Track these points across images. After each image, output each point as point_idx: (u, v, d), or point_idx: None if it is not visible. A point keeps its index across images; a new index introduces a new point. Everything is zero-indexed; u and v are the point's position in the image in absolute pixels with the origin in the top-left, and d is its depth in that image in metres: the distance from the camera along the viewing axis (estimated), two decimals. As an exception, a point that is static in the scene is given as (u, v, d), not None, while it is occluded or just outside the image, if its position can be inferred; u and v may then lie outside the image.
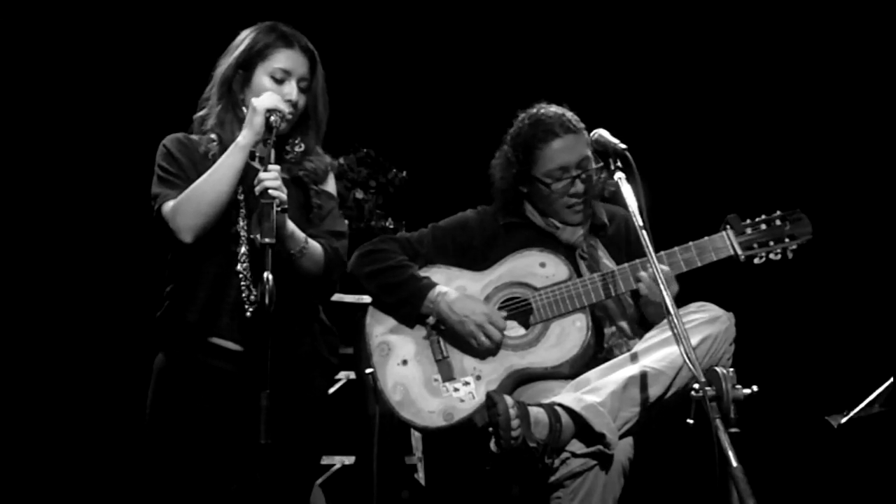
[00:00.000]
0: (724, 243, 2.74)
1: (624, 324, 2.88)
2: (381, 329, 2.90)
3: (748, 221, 2.76)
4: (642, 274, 2.72)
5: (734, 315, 2.70)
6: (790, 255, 2.75)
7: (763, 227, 2.75)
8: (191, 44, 3.08)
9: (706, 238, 2.76)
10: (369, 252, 2.93)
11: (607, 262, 2.92)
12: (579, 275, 2.86)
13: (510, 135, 3.00)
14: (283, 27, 2.60)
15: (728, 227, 2.76)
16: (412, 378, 2.84)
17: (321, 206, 2.60)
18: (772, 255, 2.74)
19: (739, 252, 2.73)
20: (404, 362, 2.86)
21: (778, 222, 2.76)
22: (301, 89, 2.56)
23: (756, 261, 2.74)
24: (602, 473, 2.51)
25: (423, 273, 2.90)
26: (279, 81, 2.54)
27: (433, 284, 2.84)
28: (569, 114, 2.93)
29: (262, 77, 2.55)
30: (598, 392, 2.56)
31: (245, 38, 2.59)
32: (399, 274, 2.87)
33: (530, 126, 2.93)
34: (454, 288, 2.87)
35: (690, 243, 2.76)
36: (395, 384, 2.84)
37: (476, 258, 2.93)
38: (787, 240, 2.74)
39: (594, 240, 2.97)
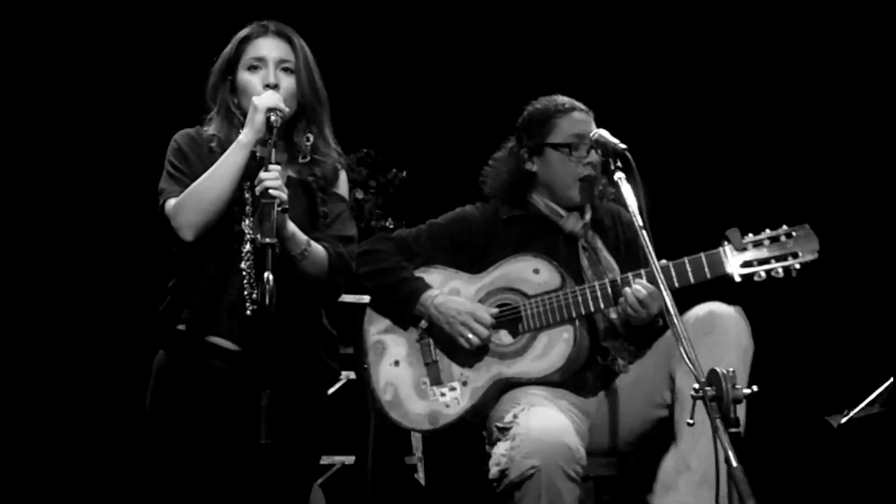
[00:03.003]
0: (720, 260, 2.61)
1: (621, 329, 2.83)
2: (377, 328, 2.91)
3: (750, 237, 2.60)
4: (626, 290, 2.65)
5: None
6: (794, 274, 2.57)
7: (766, 242, 2.59)
8: (198, 40, 3.08)
9: (701, 254, 2.63)
10: (366, 252, 2.92)
11: (607, 255, 2.90)
12: (577, 270, 2.83)
13: (520, 121, 3.00)
14: (256, 24, 2.60)
15: (726, 242, 2.61)
16: (402, 379, 2.85)
17: (327, 213, 2.59)
18: (773, 274, 2.58)
19: (735, 271, 2.58)
20: (396, 363, 2.87)
21: (783, 238, 2.58)
22: (285, 70, 2.54)
23: (756, 279, 2.59)
24: None
25: (420, 273, 2.89)
26: (256, 70, 2.54)
27: (425, 287, 2.84)
28: None
29: (242, 74, 2.55)
30: None
31: (224, 51, 2.60)
32: (393, 276, 2.87)
33: (546, 103, 2.95)
34: (448, 290, 2.86)
35: (685, 258, 2.64)
36: (387, 384, 2.85)
37: (475, 255, 2.91)
38: (790, 258, 2.57)
39: (595, 235, 2.95)
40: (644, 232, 2.39)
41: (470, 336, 2.75)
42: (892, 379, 3.31)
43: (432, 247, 2.94)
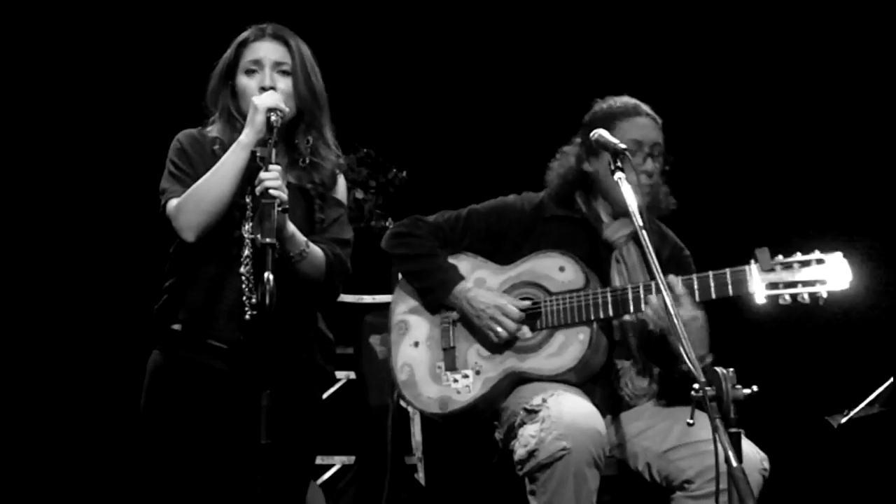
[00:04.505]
0: (745, 278, 2.56)
1: (634, 343, 2.81)
2: (403, 307, 2.97)
3: (779, 258, 2.54)
4: (651, 297, 2.63)
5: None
6: (821, 302, 2.50)
7: (796, 266, 2.51)
8: (200, 40, 3.08)
9: (727, 270, 2.60)
10: (402, 234, 2.97)
11: (640, 272, 2.83)
12: (608, 278, 2.82)
13: (585, 118, 2.92)
14: (254, 27, 2.60)
15: (754, 261, 2.55)
16: (419, 361, 2.89)
17: (324, 219, 2.59)
18: (799, 299, 2.51)
19: (759, 291, 2.53)
20: (416, 344, 2.92)
21: (814, 263, 2.50)
22: (284, 73, 2.53)
23: (781, 302, 2.53)
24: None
25: (450, 260, 2.92)
26: (253, 73, 2.53)
27: (458, 279, 2.87)
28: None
29: (241, 78, 2.55)
30: None
31: (224, 55, 2.59)
32: (427, 263, 2.91)
33: (612, 103, 2.89)
34: (475, 278, 2.89)
35: (709, 273, 2.62)
36: (404, 364, 2.91)
37: (508, 247, 2.91)
38: (818, 285, 2.48)
39: (636, 247, 2.87)
40: (644, 232, 2.38)
41: (499, 330, 2.78)
42: (892, 379, 3.31)
43: (467, 234, 2.96)
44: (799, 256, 2.53)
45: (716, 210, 4.59)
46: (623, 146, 2.58)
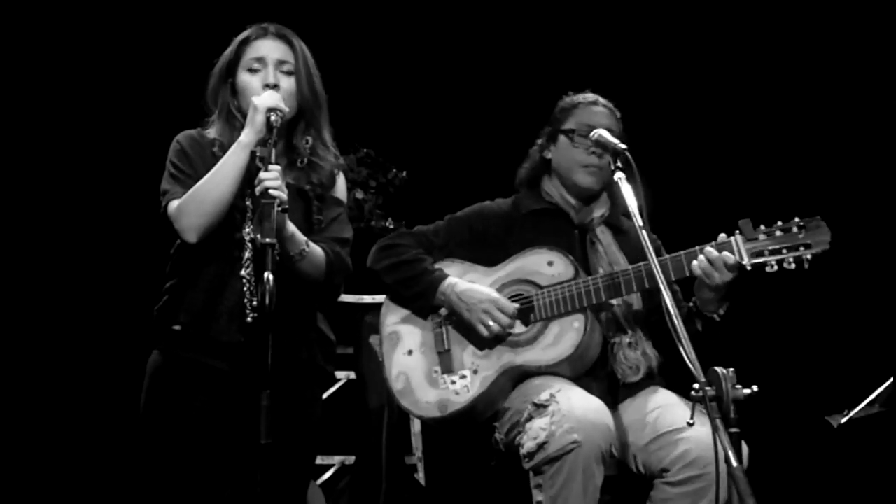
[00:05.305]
0: (731, 249, 2.61)
1: (627, 327, 2.84)
2: (393, 319, 2.96)
3: (762, 228, 2.60)
4: (701, 257, 2.64)
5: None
6: (806, 266, 2.55)
7: (778, 233, 2.58)
8: (199, 41, 3.08)
9: (713, 243, 2.64)
10: (387, 247, 2.97)
11: (616, 250, 2.90)
12: (587, 262, 2.85)
13: (553, 112, 3.04)
14: (255, 26, 2.60)
15: (738, 232, 2.62)
16: (414, 368, 2.89)
17: (322, 220, 2.59)
18: (785, 265, 2.57)
19: (745, 259, 2.59)
20: (409, 352, 2.91)
21: (795, 229, 2.57)
22: (286, 72, 2.54)
23: (767, 269, 2.58)
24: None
25: (438, 266, 2.92)
26: (256, 71, 2.54)
27: (444, 276, 2.87)
28: None
29: (242, 76, 2.55)
30: None
31: (224, 53, 2.60)
32: (414, 268, 2.90)
33: (573, 96, 3.01)
34: (465, 281, 2.88)
35: (696, 248, 2.66)
36: (399, 373, 2.90)
37: (493, 247, 2.93)
38: (801, 248, 2.55)
39: (607, 230, 2.95)
40: (644, 232, 2.40)
41: (490, 324, 2.78)
42: (892, 379, 3.31)
43: (451, 239, 2.97)
44: (780, 224, 2.60)
45: (697, 190, 4.61)
46: (623, 146, 2.61)
